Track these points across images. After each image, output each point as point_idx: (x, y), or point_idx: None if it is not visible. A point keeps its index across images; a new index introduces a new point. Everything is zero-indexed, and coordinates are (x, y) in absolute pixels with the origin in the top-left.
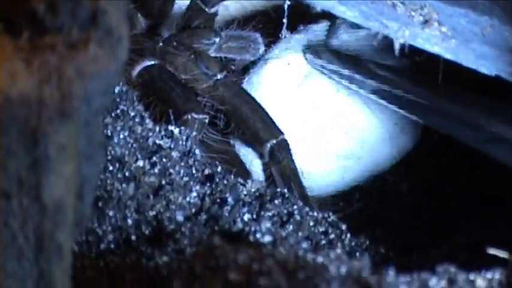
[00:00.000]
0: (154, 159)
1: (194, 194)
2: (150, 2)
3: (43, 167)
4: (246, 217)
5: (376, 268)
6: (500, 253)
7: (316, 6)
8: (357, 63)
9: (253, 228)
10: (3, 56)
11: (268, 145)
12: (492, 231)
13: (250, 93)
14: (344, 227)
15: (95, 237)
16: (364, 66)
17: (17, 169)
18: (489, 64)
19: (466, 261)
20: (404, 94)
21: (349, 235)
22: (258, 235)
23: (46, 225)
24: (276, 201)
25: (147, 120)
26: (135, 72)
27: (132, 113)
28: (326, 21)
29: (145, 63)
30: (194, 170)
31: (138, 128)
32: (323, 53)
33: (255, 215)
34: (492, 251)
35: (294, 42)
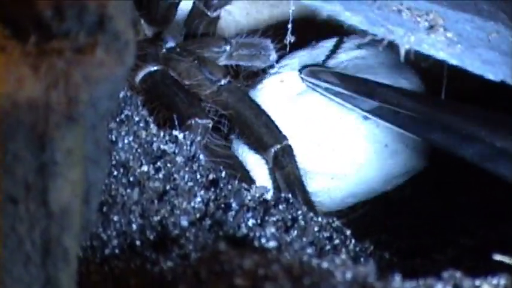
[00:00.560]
0: (158, 164)
1: (198, 199)
2: (153, 8)
3: (50, 172)
4: (250, 222)
5: (381, 274)
6: (506, 259)
7: (322, 12)
8: (354, 82)
9: (258, 233)
10: (10, 60)
11: (272, 150)
12: (498, 237)
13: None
14: (348, 232)
15: (99, 242)
16: (362, 85)
17: (24, 174)
18: (495, 70)
19: (471, 266)
20: (404, 112)
21: (353, 240)
22: (262, 240)
23: (53, 229)
24: (280, 207)
25: (152, 126)
26: (138, 78)
27: (136, 118)
28: (335, 38)
29: (148, 69)
30: (198, 175)
31: (143, 133)
32: (319, 72)
33: (259, 220)
34: (498, 257)
35: (294, 59)
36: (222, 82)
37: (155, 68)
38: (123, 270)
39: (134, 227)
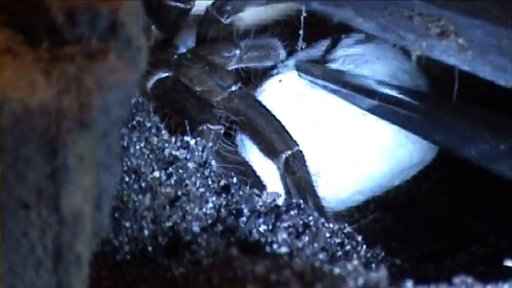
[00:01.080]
0: (170, 170)
1: (210, 204)
2: (164, 14)
3: (62, 178)
4: (262, 228)
5: (393, 280)
6: None
7: (333, 18)
8: (351, 80)
9: (270, 239)
10: (22, 66)
11: (284, 156)
12: (509, 243)
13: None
14: (360, 238)
15: (111, 248)
16: (359, 82)
17: (36, 179)
18: (506, 76)
19: (482, 272)
20: (403, 110)
21: (364, 246)
22: (274, 246)
23: (65, 235)
24: (291, 212)
25: (163, 131)
26: (149, 84)
27: (148, 124)
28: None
29: (159, 75)
30: (210, 181)
31: (154, 139)
32: (316, 70)
33: (270, 226)
34: (509, 263)
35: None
36: (233, 88)
37: (166, 74)
38: (135, 276)
39: (146, 232)
